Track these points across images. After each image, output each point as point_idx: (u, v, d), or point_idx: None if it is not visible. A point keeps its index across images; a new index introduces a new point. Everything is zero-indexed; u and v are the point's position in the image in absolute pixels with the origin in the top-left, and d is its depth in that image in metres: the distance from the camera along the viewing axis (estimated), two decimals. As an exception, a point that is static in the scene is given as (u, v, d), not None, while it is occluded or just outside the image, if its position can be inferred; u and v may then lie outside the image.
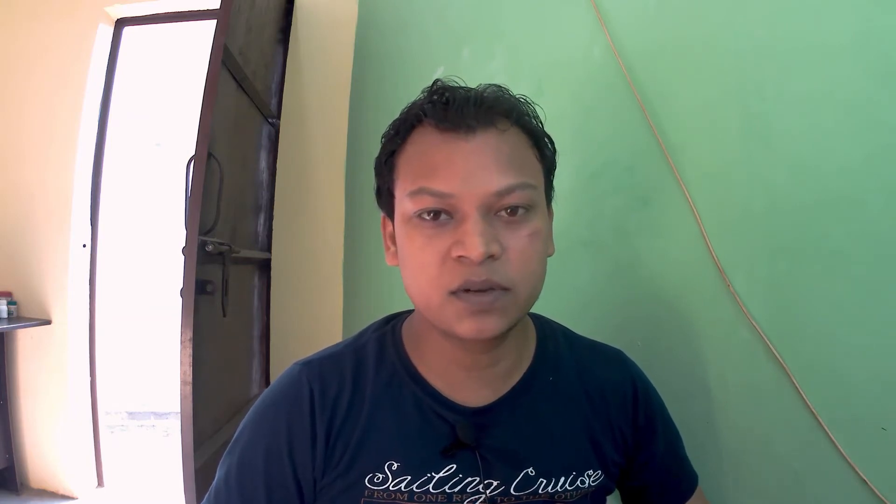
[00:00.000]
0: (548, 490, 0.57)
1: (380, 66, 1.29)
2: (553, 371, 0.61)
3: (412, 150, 0.53)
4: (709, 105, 0.86)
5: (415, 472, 0.55)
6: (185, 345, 1.01)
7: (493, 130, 0.51)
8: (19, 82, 2.13)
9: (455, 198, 0.48)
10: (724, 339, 0.83)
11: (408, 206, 0.51)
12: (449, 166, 0.49)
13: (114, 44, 2.15)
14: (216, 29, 1.12)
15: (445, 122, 0.50)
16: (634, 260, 0.92)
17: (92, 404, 2.23)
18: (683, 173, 0.87)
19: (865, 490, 0.73)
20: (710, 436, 0.84)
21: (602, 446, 0.60)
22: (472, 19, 1.13)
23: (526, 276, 0.50)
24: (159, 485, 2.42)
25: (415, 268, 0.51)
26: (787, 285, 0.79)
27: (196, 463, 1.02)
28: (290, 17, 1.65)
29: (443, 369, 0.57)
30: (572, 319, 0.70)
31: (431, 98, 0.53)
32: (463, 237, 0.48)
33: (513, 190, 0.49)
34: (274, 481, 0.55)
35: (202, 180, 1.05)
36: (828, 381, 0.76)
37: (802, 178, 0.78)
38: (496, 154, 0.50)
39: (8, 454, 2.10)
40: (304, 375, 0.57)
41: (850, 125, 0.75)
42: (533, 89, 0.98)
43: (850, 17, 0.76)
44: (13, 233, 2.14)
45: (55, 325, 2.12)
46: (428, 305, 0.51)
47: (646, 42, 0.92)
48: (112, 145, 2.24)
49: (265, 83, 1.53)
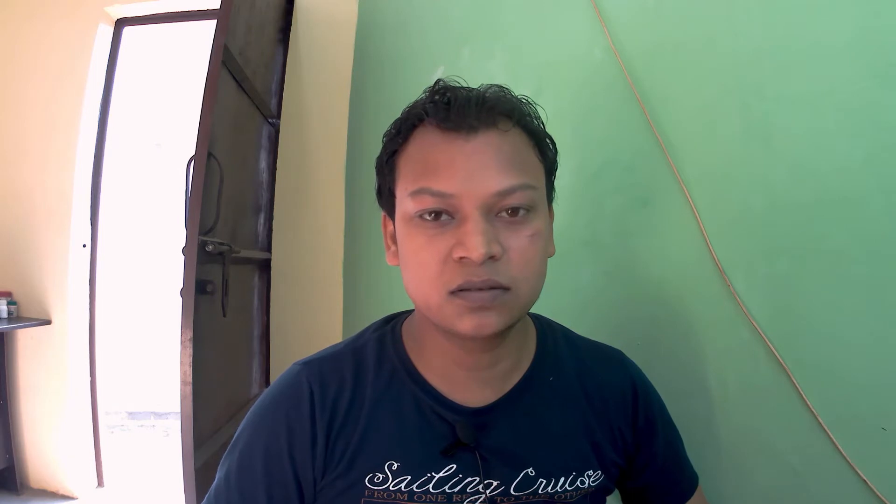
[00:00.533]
0: (547, 490, 0.57)
1: (380, 65, 1.29)
2: (553, 371, 0.61)
3: (413, 149, 0.53)
4: (709, 105, 0.86)
5: (415, 472, 0.55)
6: (185, 345, 1.01)
7: (495, 131, 0.50)
8: (19, 82, 2.13)
9: (456, 198, 0.48)
10: (724, 339, 0.83)
11: (409, 206, 0.51)
12: (450, 166, 0.49)
13: (114, 44, 2.15)
14: (216, 29, 1.12)
15: (447, 123, 0.50)
16: (634, 260, 0.92)
17: (92, 404, 2.23)
18: (683, 173, 0.87)
19: (865, 490, 0.73)
20: (710, 436, 0.84)
21: (602, 447, 0.60)
22: (472, 19, 1.13)
23: (526, 276, 0.50)
24: (159, 485, 2.42)
25: (415, 267, 0.51)
26: (786, 285, 0.79)
27: (196, 463, 1.02)
28: (290, 17, 1.65)
29: (443, 369, 0.57)
30: (572, 319, 0.70)
31: (433, 98, 0.53)
32: (464, 238, 0.48)
33: (514, 191, 0.49)
34: (274, 481, 0.55)
35: (202, 180, 1.05)
36: (828, 381, 0.76)
37: (802, 177, 0.78)
38: (497, 154, 0.50)
39: (8, 454, 2.10)
40: (303, 376, 0.57)
41: (850, 125, 0.76)
42: (533, 89, 0.98)
43: (850, 17, 0.76)
44: (13, 233, 2.14)
45: (55, 325, 2.12)
46: (428, 305, 0.51)
47: (646, 42, 0.92)
48: (112, 145, 2.24)
49: (265, 83, 1.53)
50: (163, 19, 2.13)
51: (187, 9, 2.06)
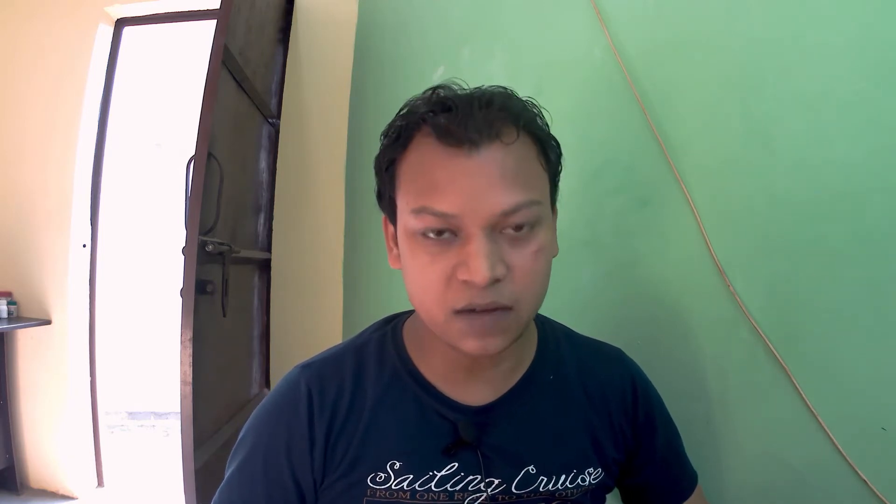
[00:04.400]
0: (548, 488, 0.57)
1: (380, 65, 1.29)
2: (554, 370, 0.61)
3: (414, 160, 0.51)
4: (708, 105, 0.86)
5: (417, 471, 0.55)
6: (185, 345, 1.01)
7: (498, 144, 0.48)
8: (19, 82, 2.13)
9: (459, 218, 0.47)
10: (724, 339, 0.83)
11: (410, 223, 0.49)
12: (451, 185, 0.47)
13: (114, 44, 2.15)
14: (216, 29, 1.12)
15: (448, 137, 0.48)
16: (634, 260, 0.92)
17: (92, 404, 2.23)
18: (683, 173, 0.87)
19: (865, 490, 0.73)
20: (710, 435, 0.84)
21: (602, 444, 0.61)
22: (472, 19, 1.13)
23: (530, 293, 0.50)
24: (159, 485, 2.42)
25: (419, 284, 0.50)
26: (786, 284, 0.79)
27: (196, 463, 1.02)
28: (290, 17, 1.65)
29: (444, 369, 0.57)
30: (572, 319, 0.70)
31: (432, 108, 0.50)
32: (467, 259, 0.47)
33: (519, 209, 0.47)
34: (273, 485, 0.55)
35: (202, 180, 1.05)
36: (828, 381, 0.76)
37: (802, 177, 0.78)
38: (501, 171, 0.47)
39: (8, 454, 2.10)
40: (302, 378, 0.57)
41: (850, 124, 0.76)
42: (533, 89, 0.98)
43: (850, 16, 0.76)
44: (13, 233, 2.14)
45: (55, 325, 2.12)
46: (432, 321, 0.51)
47: (646, 42, 0.92)
48: (112, 145, 2.24)
49: (265, 83, 1.53)
50: (163, 19, 2.13)
51: (187, 9, 2.06)
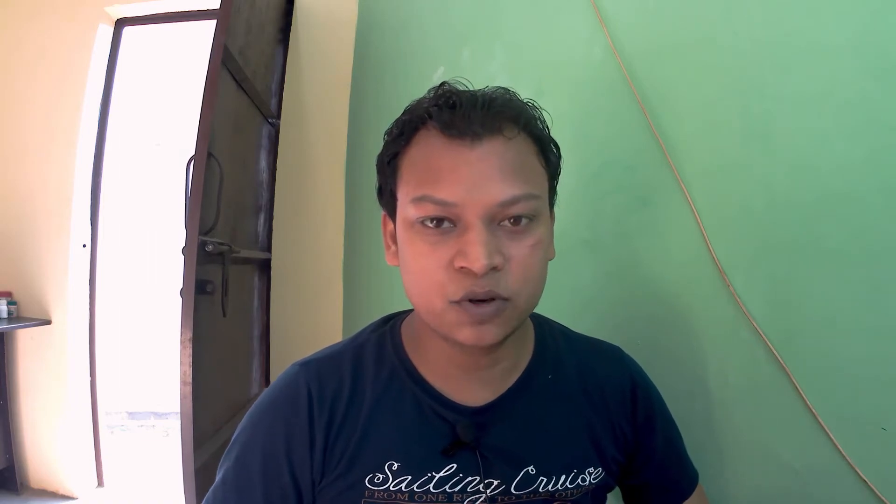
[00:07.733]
0: (548, 488, 0.57)
1: (380, 66, 1.29)
2: (552, 369, 0.61)
3: (416, 153, 0.52)
4: (709, 105, 0.86)
5: (415, 472, 0.55)
6: (185, 345, 1.01)
7: (500, 138, 0.50)
8: (19, 82, 2.13)
9: (459, 207, 0.48)
10: (724, 339, 0.83)
11: (410, 212, 0.50)
12: (453, 174, 0.48)
13: (114, 44, 2.15)
14: (216, 29, 1.12)
15: (451, 129, 0.49)
16: (634, 260, 0.92)
17: (92, 404, 2.23)
18: (683, 173, 0.87)
19: (865, 490, 0.73)
20: (709, 435, 0.84)
21: (602, 444, 0.60)
22: (472, 19, 1.13)
23: (527, 286, 0.50)
24: (159, 485, 2.42)
25: (417, 274, 0.51)
26: (786, 284, 0.79)
27: (196, 463, 1.02)
28: (290, 17, 1.65)
29: (442, 369, 0.57)
30: (572, 319, 0.70)
31: (437, 102, 0.52)
32: (466, 247, 0.47)
33: (517, 201, 0.49)
34: (271, 483, 0.54)
35: (202, 180, 1.05)
36: (828, 381, 0.76)
37: (802, 177, 0.78)
38: (502, 163, 0.49)
39: (8, 454, 2.10)
40: (301, 376, 0.57)
41: (850, 124, 0.76)
42: (533, 89, 0.98)
43: (850, 16, 0.76)
44: (13, 233, 2.14)
45: (55, 325, 2.12)
46: (429, 311, 0.51)
47: (646, 42, 0.92)
48: (112, 145, 2.24)
49: (265, 83, 1.53)
50: (163, 19, 2.13)
51: (187, 9, 2.06)
